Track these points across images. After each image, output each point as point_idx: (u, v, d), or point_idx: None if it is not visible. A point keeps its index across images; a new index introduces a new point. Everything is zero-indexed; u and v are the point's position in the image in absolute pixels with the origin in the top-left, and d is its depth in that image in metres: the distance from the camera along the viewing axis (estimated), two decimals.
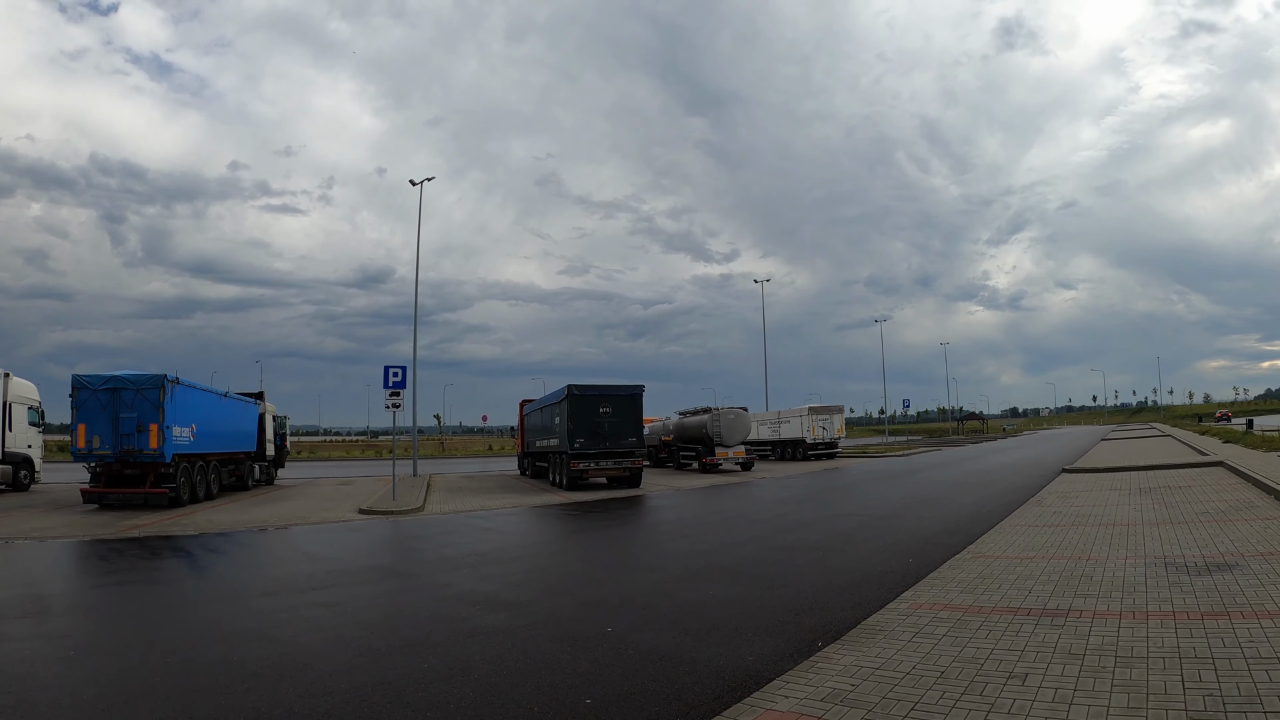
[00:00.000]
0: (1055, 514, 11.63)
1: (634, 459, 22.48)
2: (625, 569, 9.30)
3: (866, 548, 9.51)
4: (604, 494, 20.26)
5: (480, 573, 8.83)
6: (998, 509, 12.67)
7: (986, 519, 11.47)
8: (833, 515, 13.42)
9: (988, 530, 10.27)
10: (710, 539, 11.33)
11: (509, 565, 9.48)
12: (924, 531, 10.59)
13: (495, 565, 9.43)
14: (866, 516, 12.88)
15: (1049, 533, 9.81)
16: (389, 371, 19.48)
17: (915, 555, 8.67)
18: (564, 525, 14.30)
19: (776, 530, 11.76)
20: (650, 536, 12.55)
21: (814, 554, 9.23)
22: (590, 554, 10.72)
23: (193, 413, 18.20)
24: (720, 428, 29.15)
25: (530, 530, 13.63)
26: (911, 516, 12.47)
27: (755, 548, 10.00)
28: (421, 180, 31.62)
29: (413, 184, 31.69)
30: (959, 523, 11.29)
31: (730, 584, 7.71)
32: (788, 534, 11.23)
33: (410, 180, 31.65)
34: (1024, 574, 7.32)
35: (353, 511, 16.30)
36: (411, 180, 31.60)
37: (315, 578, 8.75)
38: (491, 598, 7.26)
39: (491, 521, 14.72)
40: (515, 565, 9.54)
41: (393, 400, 19.41)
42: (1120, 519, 10.64)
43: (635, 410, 22.88)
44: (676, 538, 12.09)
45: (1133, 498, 13.04)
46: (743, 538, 11.10)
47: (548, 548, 11.31)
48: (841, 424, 36.41)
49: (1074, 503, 12.93)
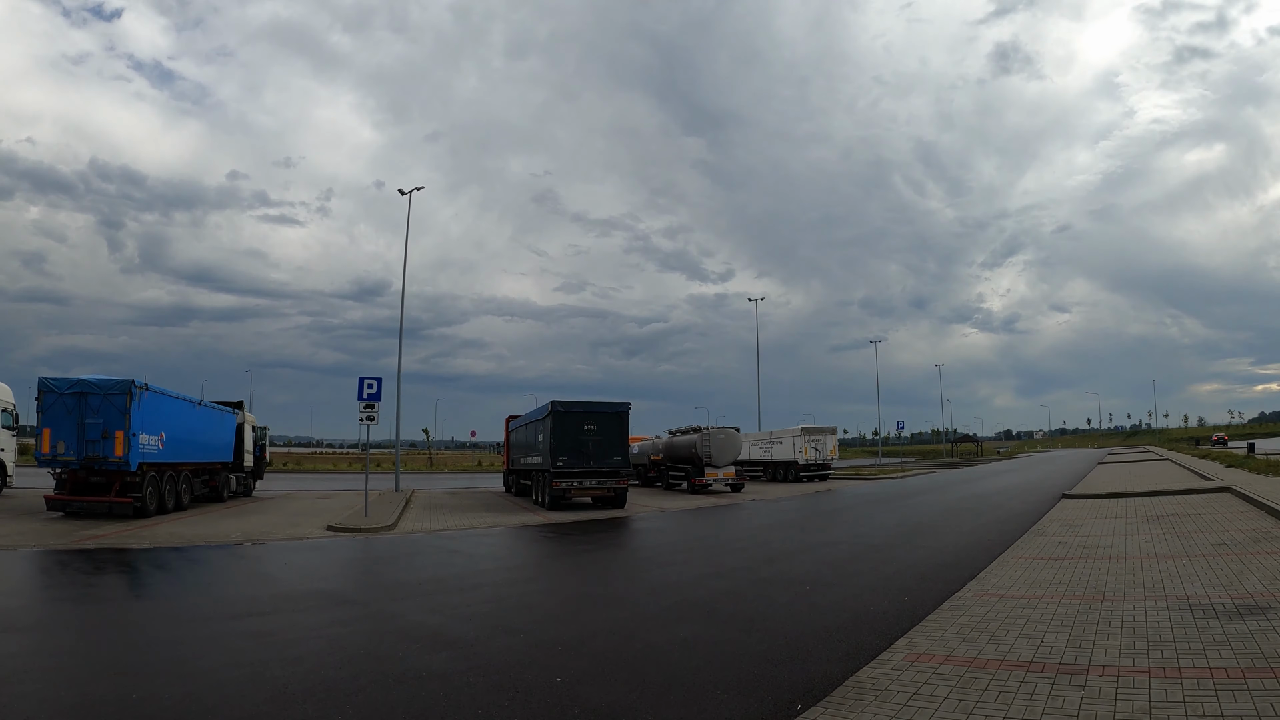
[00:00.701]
0: (1060, 545, 10.81)
1: (619, 479, 21.88)
2: (591, 603, 8.45)
3: (857, 582, 8.67)
4: (586, 515, 19.67)
5: (434, 602, 8.20)
6: (998, 539, 11.83)
7: (987, 550, 10.64)
8: (822, 543, 12.57)
9: (989, 563, 9.45)
10: (689, 569, 10.50)
11: (467, 594, 8.77)
12: (920, 564, 9.76)
13: (453, 594, 8.77)
14: (858, 545, 12.04)
15: (1056, 567, 9.00)
16: (363, 383, 18.98)
17: (911, 592, 7.83)
18: (536, 549, 13.43)
19: (761, 560, 10.92)
20: (625, 565, 11.67)
21: (799, 589, 8.38)
22: (557, 583, 9.86)
23: (162, 420, 17.71)
24: (710, 448, 28.28)
25: (499, 554, 12.75)
26: (906, 546, 11.64)
27: (736, 580, 9.16)
28: (411, 190, 31.80)
29: (402, 193, 31.83)
30: (958, 554, 10.47)
31: (703, 624, 6.87)
32: (773, 565, 10.39)
33: (400, 190, 31.90)
34: (1034, 617, 6.49)
35: (321, 528, 15.67)
36: (401, 190, 31.81)
37: (257, 602, 8.16)
38: (438, 633, 6.61)
39: (462, 543, 13.96)
40: (473, 594, 8.77)
41: (366, 413, 18.92)
42: (1131, 551, 9.84)
43: (621, 428, 22.28)
44: (653, 566, 11.25)
45: (1141, 526, 12.24)
46: (724, 568, 10.25)
47: (513, 575, 10.41)
48: (834, 445, 35.55)
49: (1079, 532, 12.12)
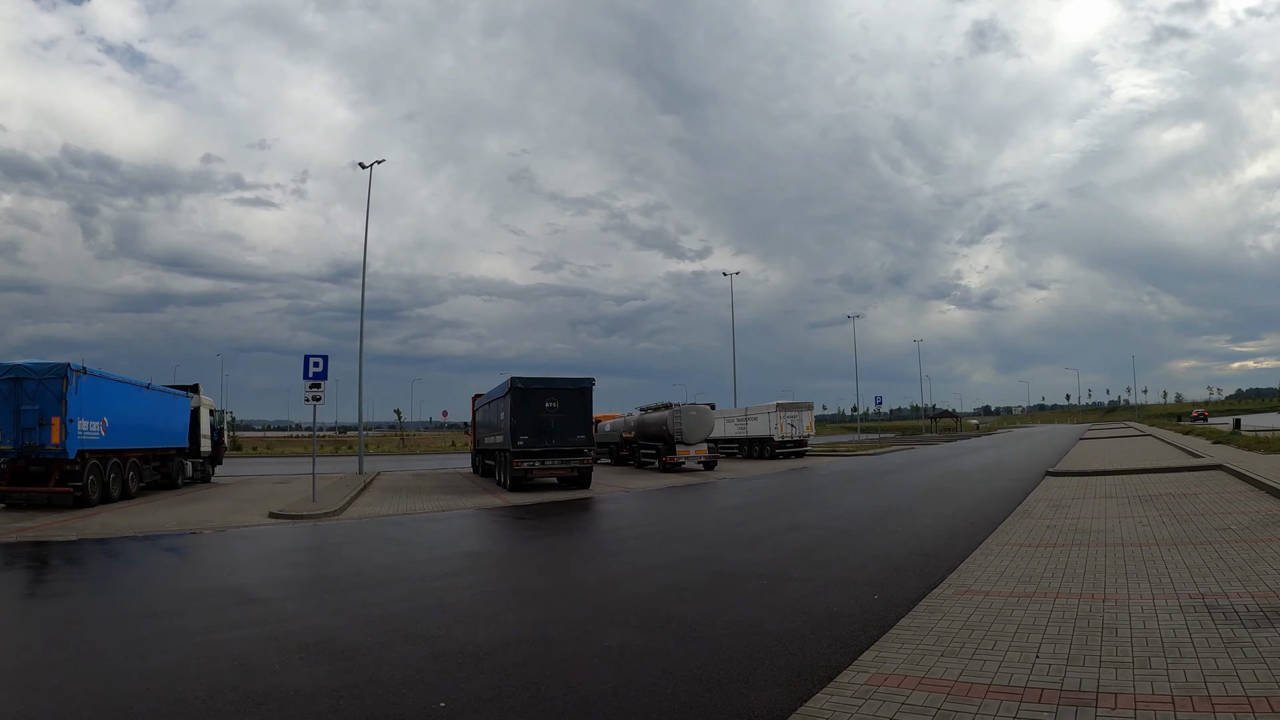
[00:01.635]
0: (1049, 529, 9.84)
1: (583, 458, 20.95)
2: (520, 600, 7.32)
3: (822, 575, 7.61)
4: (548, 496, 18.74)
5: (344, 600, 7.24)
6: (981, 521, 10.85)
7: (969, 535, 9.63)
8: (789, 527, 11.53)
9: (971, 551, 8.42)
10: (639, 559, 9.42)
11: (384, 590, 7.73)
12: (895, 552, 8.73)
13: (369, 590, 7.77)
14: (828, 530, 11.02)
15: (1047, 555, 7.99)
16: (309, 361, 17.88)
17: (883, 589, 6.78)
18: (481, 536, 12.31)
19: (721, 547, 9.86)
20: (570, 554, 10.55)
21: (756, 585, 7.30)
22: (490, 576, 8.73)
23: (104, 406, 16.97)
24: (681, 425, 27.24)
25: (438, 542, 11.61)
26: (880, 530, 10.62)
27: (688, 573, 8.07)
28: (371, 164, 30.75)
29: (362, 166, 30.78)
30: (937, 539, 9.45)
31: (636, 630, 5.78)
32: (732, 553, 9.33)
33: (360, 163, 30.79)
34: (1025, 623, 5.45)
35: (263, 515, 14.70)
36: (361, 163, 30.71)
37: (152, 602, 7.34)
38: (329, 640, 5.67)
39: (404, 530, 12.92)
40: (392, 591, 7.71)
41: (312, 392, 17.78)
42: (1128, 536, 8.87)
43: (584, 405, 21.28)
44: (601, 556, 10.16)
45: (1134, 508, 11.31)
46: (678, 558, 9.18)
47: (445, 566, 9.25)
48: (811, 421, 34.64)
49: (1068, 513, 11.17)
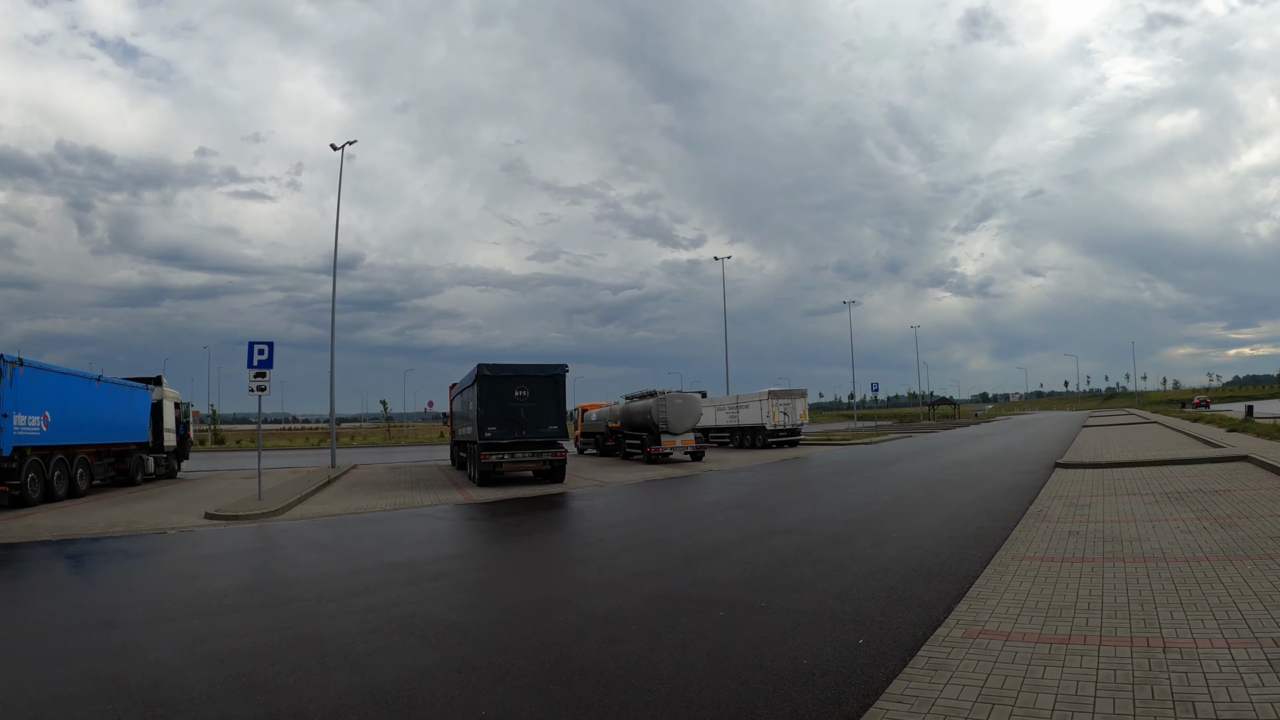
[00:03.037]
0: (1072, 536, 8.28)
1: (555, 450, 19.57)
2: (406, 637, 5.66)
3: (795, 603, 6.04)
4: (516, 492, 17.37)
5: (209, 628, 5.95)
6: (990, 526, 9.29)
7: (978, 544, 8.07)
8: (768, 531, 9.96)
9: (982, 569, 6.84)
10: (582, 573, 7.87)
11: (258, 615, 6.38)
12: (888, 569, 7.16)
13: (242, 614, 6.46)
14: (812, 535, 9.45)
15: (1075, 575, 6.44)
16: (253, 349, 16.52)
17: (869, 627, 5.20)
18: (417, 542, 10.73)
19: (682, 558, 8.30)
20: (504, 568, 8.89)
21: (710, 616, 5.73)
22: (393, 598, 7.06)
23: (46, 399, 15.99)
24: (666, 414, 25.67)
25: (367, 549, 10.05)
26: (873, 537, 9.06)
27: (631, 596, 6.51)
28: (343, 144, 29.96)
29: (334, 148, 29.88)
30: (939, 550, 7.89)
31: (534, 691, 4.23)
32: (694, 567, 7.76)
33: (331, 145, 30.00)
34: (1065, 690, 3.88)
35: (201, 516, 13.59)
36: (333, 145, 29.85)
37: None
38: (152, 686, 4.51)
39: (338, 533, 11.56)
40: (266, 617, 6.32)
41: (257, 382, 16.38)
42: (1168, 547, 7.32)
43: (557, 393, 19.84)
44: (538, 571, 8.56)
45: (1164, 508, 9.77)
46: (627, 573, 7.61)
47: (353, 582, 7.64)
48: (804, 409, 33.06)
49: (1090, 515, 9.62)
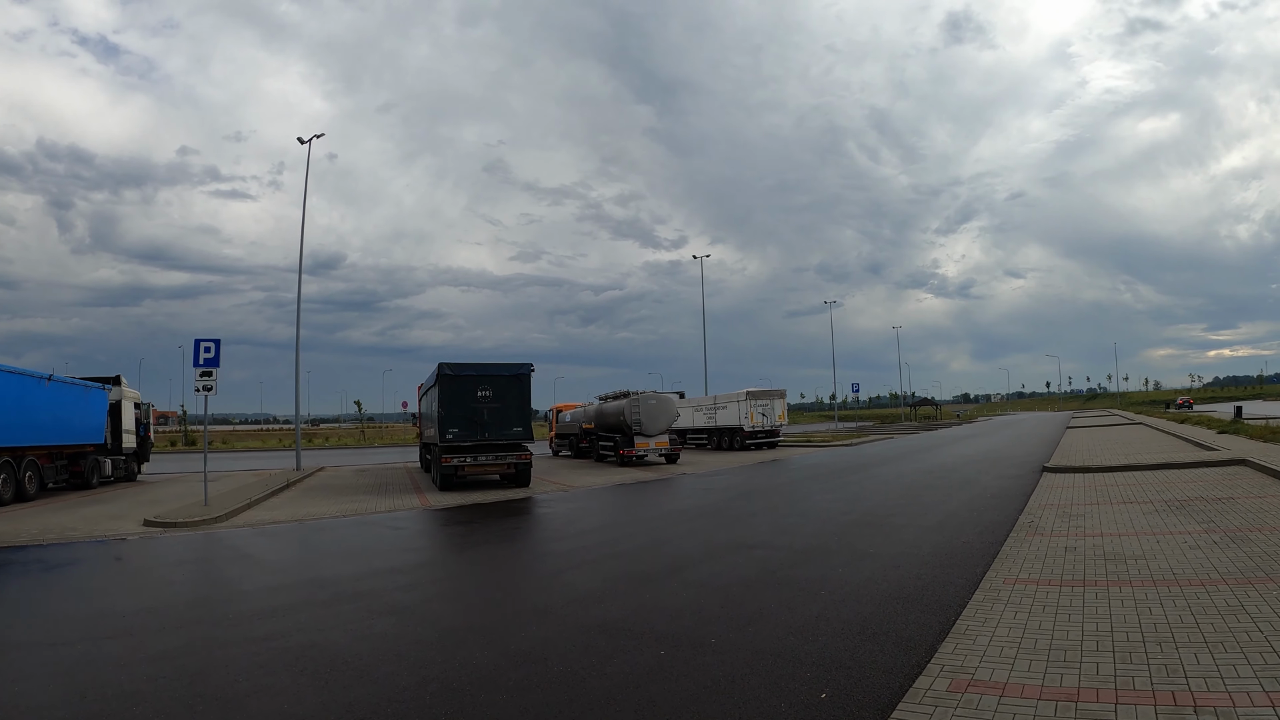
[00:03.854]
0: (1068, 552, 7.38)
1: (520, 452, 18.64)
2: (293, 676, 4.61)
3: (751, 639, 5.06)
4: (477, 496, 16.45)
5: (92, 655, 5.29)
6: (977, 540, 8.37)
7: (964, 563, 7.14)
8: (732, 545, 8.99)
9: (970, 595, 5.91)
10: (512, 598, 6.82)
11: (150, 642, 5.65)
12: (861, 595, 6.21)
13: (135, 639, 5.64)
14: (780, 550, 8.49)
15: (1078, 603, 5.52)
16: (199, 346, 15.43)
17: (835, 676, 4.23)
18: (351, 555, 9.60)
19: (632, 579, 7.30)
20: (431, 588, 7.80)
21: (646, 657, 4.73)
22: (295, 623, 5.93)
23: None
24: (639, 414, 24.71)
25: (292, 564, 9.01)
26: (846, 552, 8.12)
27: (562, 628, 5.49)
28: (310, 138, 29.35)
29: (301, 141, 29.33)
30: (921, 571, 6.94)
31: None
32: (642, 590, 6.77)
33: (299, 138, 29.26)
34: None
35: (140, 523, 12.70)
36: (300, 138, 29.26)
37: None
38: None
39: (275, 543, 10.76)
40: (159, 643, 5.49)
41: (203, 381, 15.28)
42: (1179, 568, 6.45)
43: (521, 393, 18.87)
44: (465, 591, 7.49)
45: (1166, 518, 8.93)
46: (567, 596, 6.59)
47: (267, 601, 6.54)
48: (783, 410, 32.20)
49: (1085, 526, 8.75)
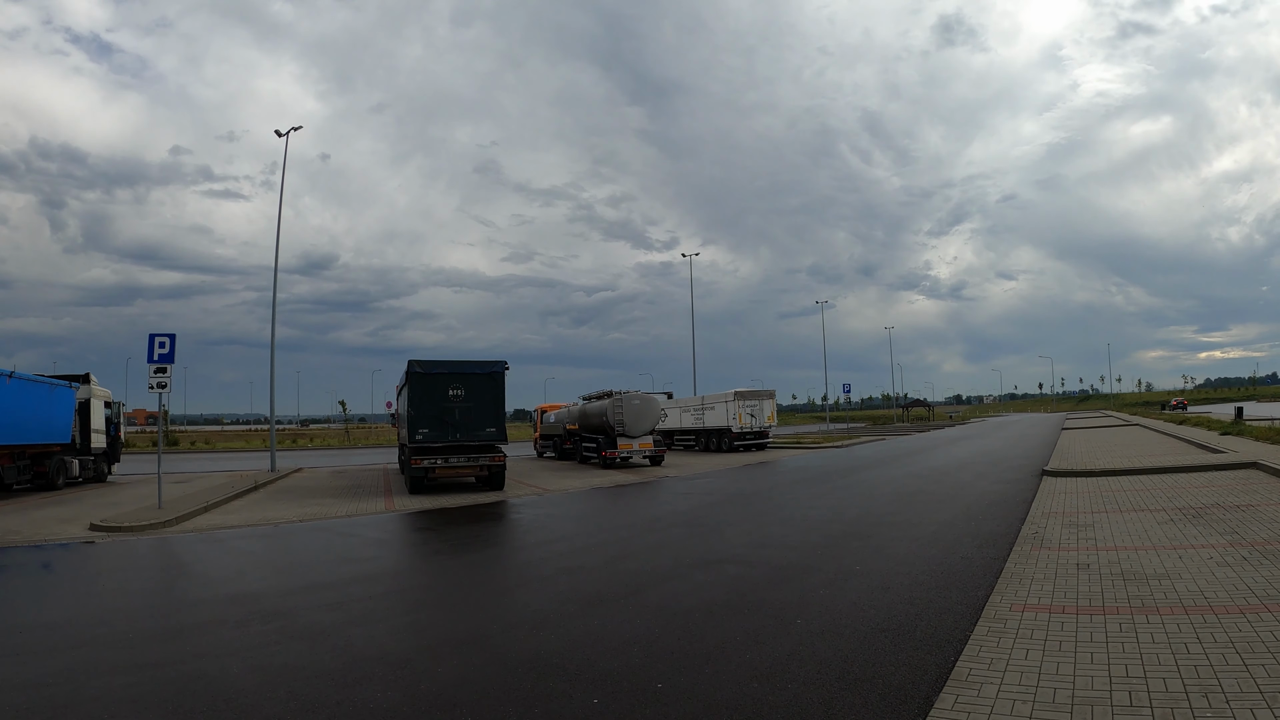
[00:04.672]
0: (1081, 571, 6.49)
1: (493, 454, 17.84)
2: (160, 716, 3.74)
3: (702, 686, 4.11)
4: (447, 500, 15.70)
5: None
6: (977, 554, 7.47)
7: (962, 584, 6.24)
8: (704, 561, 8.06)
9: (972, 627, 5.00)
10: (449, 621, 5.88)
11: (28, 667, 4.94)
12: (842, 628, 5.30)
13: (13, 663, 4.94)
14: (755, 568, 7.57)
15: (1098, 636, 4.62)
16: (154, 342, 14.61)
17: None
18: (284, 567, 8.64)
19: (583, 600, 6.36)
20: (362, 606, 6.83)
21: (575, 708, 3.79)
22: (197, 649, 5.00)
23: None
24: (622, 415, 23.81)
25: (221, 577, 8.00)
26: (828, 571, 7.20)
27: (490, 663, 4.55)
28: (288, 130, 28.47)
29: (279, 134, 28.36)
30: (913, 595, 6.03)
31: None
32: (590, 615, 5.82)
33: (276, 131, 28.33)
34: None
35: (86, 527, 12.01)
36: (277, 130, 28.35)
37: None
38: None
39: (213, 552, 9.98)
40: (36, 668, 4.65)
41: (157, 378, 14.49)
42: (1210, 589, 5.56)
43: (495, 393, 18.07)
44: (404, 609, 6.54)
45: (1184, 529, 8.06)
46: (505, 621, 5.65)
47: (174, 621, 5.64)
48: (773, 411, 31.32)
49: (1096, 538, 7.87)
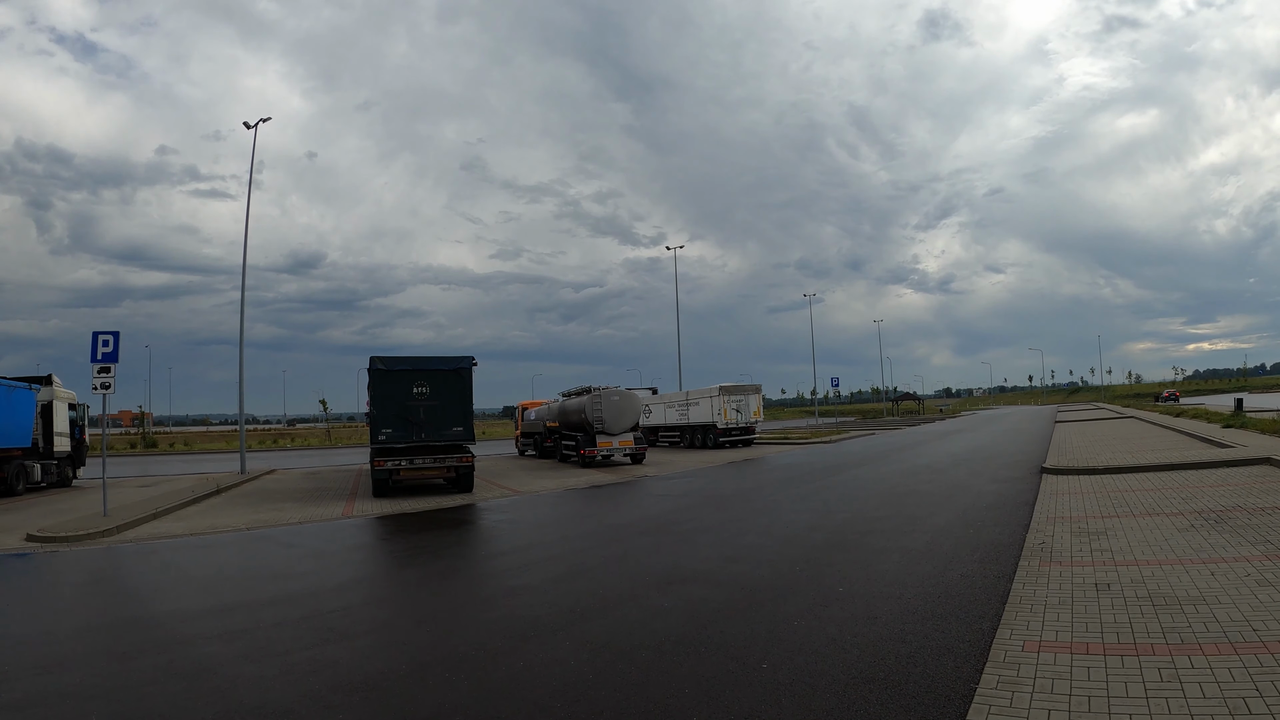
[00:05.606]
0: (1101, 592, 5.52)
1: (461, 455, 16.97)
2: None
3: None
4: (408, 505, 14.54)
5: None
6: (978, 572, 6.49)
7: (962, 612, 5.26)
8: (663, 579, 7.02)
9: (978, 675, 4.00)
10: (338, 660, 4.83)
11: None
12: (816, 676, 4.29)
13: None
14: (720, 589, 6.56)
15: (1134, 689, 3.64)
16: (97, 340, 13.89)
17: None
18: (198, 587, 7.60)
19: (505, 642, 5.36)
20: (248, 641, 5.85)
21: None
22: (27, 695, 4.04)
23: None
24: (601, 412, 22.80)
25: (108, 601, 6.97)
26: (805, 595, 6.21)
27: (371, 716, 3.59)
28: (257, 122, 27.51)
29: (248, 126, 27.36)
30: (904, 627, 5.05)
31: None
32: (509, 661, 4.81)
33: (245, 123, 27.30)
34: None
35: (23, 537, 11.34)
36: (246, 123, 27.26)
37: None
38: None
39: (136, 567, 9.05)
40: None
41: (100, 379, 13.78)
42: (1257, 618, 4.59)
43: (462, 390, 17.18)
44: (287, 638, 5.53)
45: (1209, 537, 7.12)
46: (392, 669, 4.64)
47: (33, 655, 4.65)
48: (758, 406, 30.39)
49: (1111, 550, 6.91)
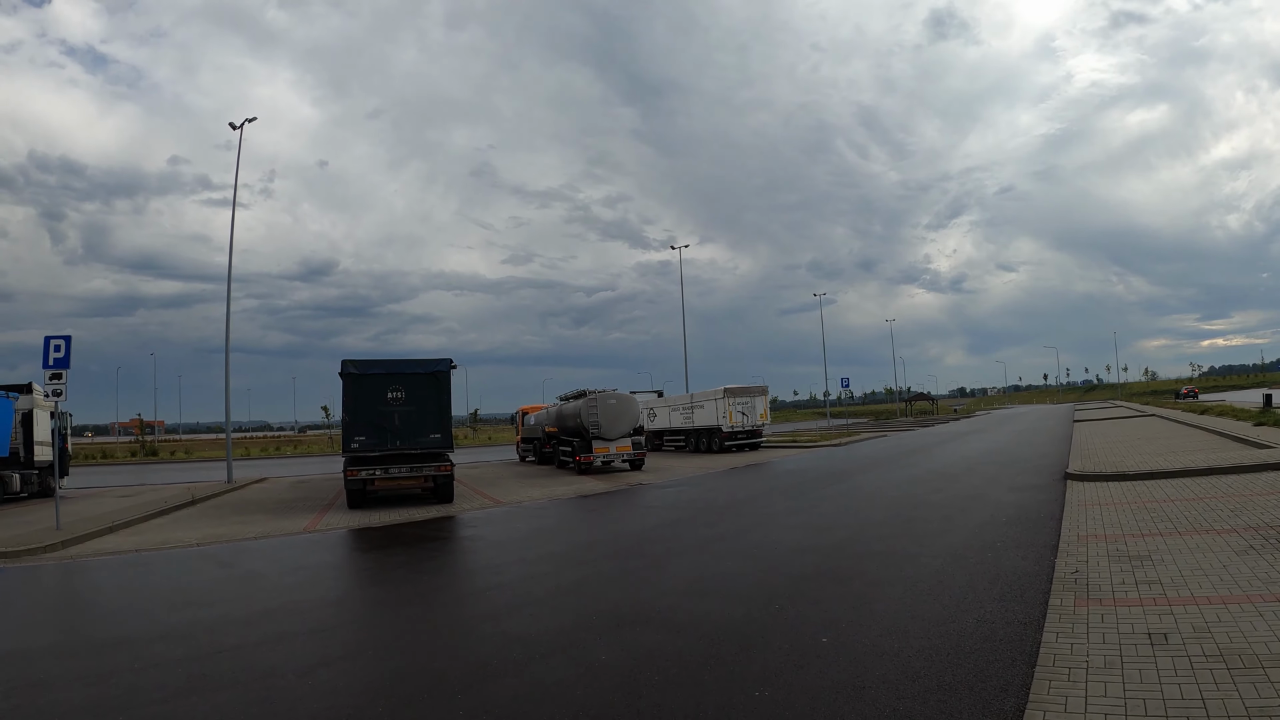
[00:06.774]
0: (1158, 647, 4.35)
1: (439, 463, 16.00)
2: None
3: None
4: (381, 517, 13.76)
5: None
6: (998, 615, 5.29)
7: (980, 687, 4.05)
8: (611, 624, 5.85)
9: None
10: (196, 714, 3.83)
11: None
12: None
13: None
14: (676, 638, 5.39)
15: None
16: (49, 345, 13.25)
17: None
18: (100, 616, 6.59)
19: (389, 705, 4.27)
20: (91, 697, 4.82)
21: None
22: None
23: None
24: (597, 417, 21.75)
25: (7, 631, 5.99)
26: (776, 651, 5.04)
27: None
28: (243, 122, 27.12)
29: (233, 127, 27.09)
30: (898, 707, 3.92)
31: None
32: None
33: (230, 123, 26.97)
34: None
35: None
36: (231, 123, 26.99)
37: None
38: None
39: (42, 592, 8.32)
40: None
41: (53, 385, 13.18)
42: None
43: (439, 395, 16.26)
44: (139, 704, 4.49)
45: (1276, 561, 5.91)
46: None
47: None
48: (765, 408, 29.17)
49: (1160, 581, 5.73)
